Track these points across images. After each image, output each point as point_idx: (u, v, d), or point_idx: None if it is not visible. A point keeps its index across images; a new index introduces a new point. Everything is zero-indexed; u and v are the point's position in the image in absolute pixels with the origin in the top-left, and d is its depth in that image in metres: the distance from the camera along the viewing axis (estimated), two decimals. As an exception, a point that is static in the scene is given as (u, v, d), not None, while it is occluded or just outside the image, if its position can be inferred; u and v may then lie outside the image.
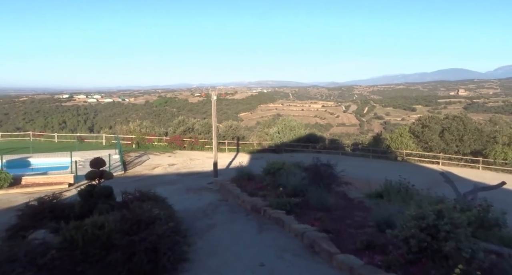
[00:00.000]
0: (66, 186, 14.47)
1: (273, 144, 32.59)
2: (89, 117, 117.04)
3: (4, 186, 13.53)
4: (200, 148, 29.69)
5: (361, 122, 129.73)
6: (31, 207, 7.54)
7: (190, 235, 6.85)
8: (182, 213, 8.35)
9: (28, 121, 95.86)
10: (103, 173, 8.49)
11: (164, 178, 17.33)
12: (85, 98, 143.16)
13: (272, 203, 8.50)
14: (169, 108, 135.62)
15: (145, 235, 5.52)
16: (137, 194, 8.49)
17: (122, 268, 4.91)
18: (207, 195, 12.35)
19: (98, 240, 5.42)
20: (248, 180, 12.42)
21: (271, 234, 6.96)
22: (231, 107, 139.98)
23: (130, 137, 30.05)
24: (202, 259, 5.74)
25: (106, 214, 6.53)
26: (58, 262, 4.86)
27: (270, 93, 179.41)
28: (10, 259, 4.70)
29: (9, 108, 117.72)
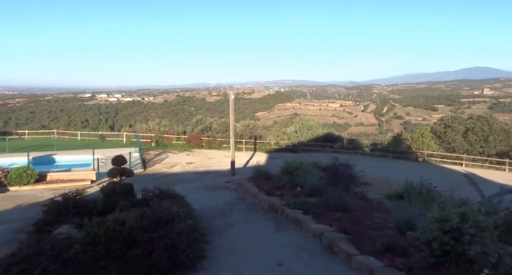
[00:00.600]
0: (89, 183, 14.85)
1: (291, 143, 32.45)
2: (110, 116, 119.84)
3: (30, 182, 14.04)
4: (218, 146, 29.90)
5: (380, 122, 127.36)
6: (56, 202, 7.80)
7: (208, 233, 6.92)
8: (200, 211, 8.44)
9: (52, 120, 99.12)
10: (124, 171, 8.68)
11: (183, 176, 17.53)
12: (106, 97, 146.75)
13: (289, 202, 8.47)
14: (187, 107, 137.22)
15: (164, 232, 5.62)
16: (156, 192, 8.65)
17: (142, 264, 5.01)
18: (225, 194, 12.43)
19: (120, 236, 5.55)
20: (265, 179, 12.42)
21: (288, 234, 6.94)
22: (248, 107, 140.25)
23: (149, 135, 30.58)
24: (220, 257, 5.78)
25: (127, 211, 6.68)
26: (82, 256, 5.01)
27: (287, 93, 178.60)
28: (37, 253, 4.88)
29: (35, 107, 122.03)
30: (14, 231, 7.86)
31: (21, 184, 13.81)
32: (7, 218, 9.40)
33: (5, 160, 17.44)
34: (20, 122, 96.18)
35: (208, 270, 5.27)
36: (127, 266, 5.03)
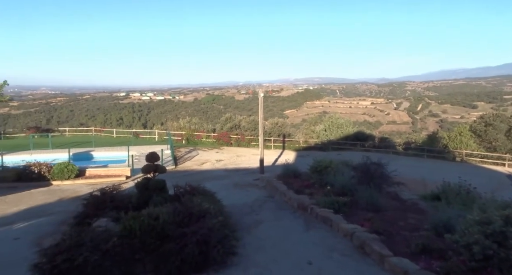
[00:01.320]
0: (124, 178, 15.46)
1: (320, 141, 32.03)
2: (143, 114, 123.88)
3: (71, 177, 14.84)
4: (246, 144, 30.08)
5: (414, 120, 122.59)
6: (94, 197, 8.17)
7: (238, 230, 6.99)
8: (230, 208, 8.55)
9: (90, 118, 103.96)
10: (157, 167, 8.95)
11: (212, 173, 17.81)
12: (139, 96, 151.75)
13: (319, 201, 8.38)
14: (216, 106, 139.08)
15: (196, 227, 5.73)
16: (188, 188, 8.84)
17: (175, 258, 5.14)
18: (254, 191, 12.50)
19: (154, 230, 5.73)
20: (294, 177, 12.35)
21: (318, 233, 6.87)
22: (276, 105, 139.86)
23: (180, 133, 31.32)
24: (250, 253, 5.83)
25: (160, 206, 6.89)
26: (119, 248, 5.22)
27: (316, 90, 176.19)
28: (78, 244, 5.14)
29: (74, 106, 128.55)
30: (57, 223, 8.36)
31: (63, 179, 14.62)
32: (51, 210, 10.01)
33: (48, 156, 18.49)
34: (61, 120, 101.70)
35: (238, 267, 5.33)
36: (161, 260, 5.19)
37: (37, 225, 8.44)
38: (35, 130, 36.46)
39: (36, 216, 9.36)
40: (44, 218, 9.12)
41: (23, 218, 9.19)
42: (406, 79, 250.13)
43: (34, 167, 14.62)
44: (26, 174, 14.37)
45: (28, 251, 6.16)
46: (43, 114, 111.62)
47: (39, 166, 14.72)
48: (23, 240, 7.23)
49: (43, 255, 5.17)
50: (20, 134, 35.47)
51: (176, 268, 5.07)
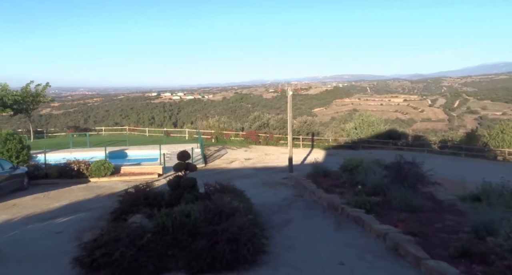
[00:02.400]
0: (156, 176, 15.93)
1: (350, 140, 31.40)
2: (173, 113, 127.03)
3: (107, 174, 15.51)
4: (275, 143, 30.05)
5: (450, 118, 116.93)
6: (129, 193, 8.45)
7: (268, 228, 6.99)
8: (259, 207, 8.56)
9: (124, 117, 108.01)
10: (188, 165, 9.12)
11: (241, 171, 17.95)
12: (170, 96, 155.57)
13: (350, 201, 8.21)
14: (244, 104, 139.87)
15: (226, 225, 5.79)
16: (217, 186, 8.95)
17: (207, 255, 5.22)
18: (282, 190, 12.47)
19: (185, 227, 5.86)
20: (324, 177, 12.18)
21: (350, 233, 6.74)
22: (305, 103, 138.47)
23: (209, 132, 31.83)
24: (280, 252, 5.81)
25: (191, 204, 7.03)
26: (153, 244, 5.39)
27: (346, 88, 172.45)
28: (115, 239, 5.36)
29: (109, 106, 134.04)
30: (95, 218, 8.75)
31: (100, 176, 15.31)
32: (89, 206, 10.51)
33: (86, 154, 19.44)
34: (97, 119, 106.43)
35: (268, 265, 5.34)
36: (193, 256, 5.29)
37: (77, 220, 8.89)
38: (74, 129, 38.48)
39: (76, 211, 9.86)
40: (83, 213, 9.58)
41: (64, 213, 9.72)
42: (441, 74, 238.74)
43: (74, 165, 15.41)
44: (66, 171, 15.18)
45: (69, 244, 6.50)
46: (81, 114, 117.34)
47: (78, 164, 15.50)
48: (64, 234, 7.64)
49: (83, 249, 5.44)
50: (61, 134, 37.56)
51: (207, 265, 5.16)
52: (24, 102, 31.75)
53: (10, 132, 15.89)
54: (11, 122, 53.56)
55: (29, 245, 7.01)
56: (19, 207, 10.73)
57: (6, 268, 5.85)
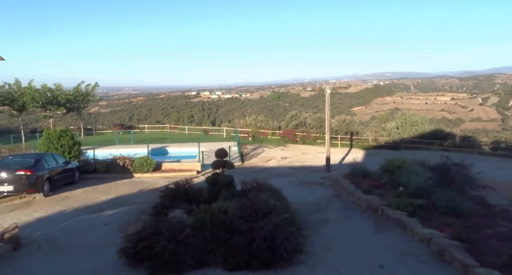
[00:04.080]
0: (195, 173, 16.39)
1: (391, 140, 30.22)
2: (211, 112, 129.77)
3: (149, 170, 16.22)
4: (312, 142, 29.69)
5: (504, 117, 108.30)
6: (170, 189, 8.77)
7: (305, 228, 6.94)
8: (296, 206, 8.53)
9: (165, 116, 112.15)
10: (226, 163, 9.28)
11: (278, 170, 17.94)
12: (209, 95, 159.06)
13: (391, 202, 7.92)
14: (281, 103, 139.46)
15: (263, 223, 5.82)
16: (254, 184, 9.01)
17: (244, 252, 5.30)
18: (320, 190, 12.30)
19: (223, 224, 5.98)
20: (363, 177, 11.86)
21: (390, 236, 6.50)
22: (343, 101, 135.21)
23: (246, 130, 32.14)
24: (318, 252, 5.75)
25: (228, 201, 7.16)
26: (192, 239, 5.55)
27: (388, 86, 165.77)
28: (157, 232, 5.59)
29: (152, 104, 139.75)
30: (138, 212, 9.21)
31: (143, 172, 16.04)
32: (133, 200, 11.06)
33: (130, 150, 20.44)
34: (140, 117, 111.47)
35: (305, 265, 5.30)
36: (230, 252, 5.39)
37: (122, 213, 9.40)
38: (120, 127, 40.62)
39: (121, 205, 10.43)
40: (128, 207, 10.11)
41: (110, 206, 10.32)
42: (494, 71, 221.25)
43: (119, 160, 16.29)
44: (113, 167, 16.09)
45: (115, 235, 6.91)
46: (126, 112, 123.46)
47: (123, 160, 16.36)
48: (111, 226, 8.12)
49: (128, 240, 5.73)
50: (108, 131, 39.84)
51: (244, 261, 5.23)
52: (76, 101, 34.11)
53: (64, 129, 17.13)
54: (64, 120, 57.60)
55: (81, 235, 7.53)
56: (71, 199, 11.55)
57: (61, 255, 6.35)
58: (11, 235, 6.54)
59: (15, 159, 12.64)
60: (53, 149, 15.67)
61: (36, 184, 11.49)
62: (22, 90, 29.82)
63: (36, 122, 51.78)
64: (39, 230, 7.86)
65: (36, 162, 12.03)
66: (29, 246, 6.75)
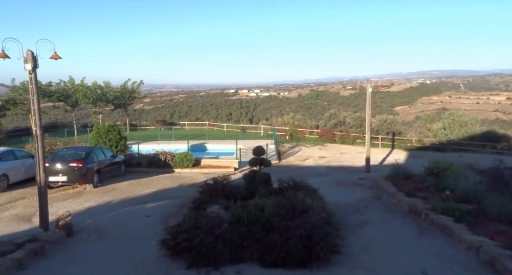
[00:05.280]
0: (232, 170, 16.65)
1: (437, 141, 28.63)
2: (249, 110, 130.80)
3: (189, 165, 16.75)
4: (351, 141, 28.94)
5: None
6: (208, 185, 8.98)
7: (342, 228, 6.81)
8: (333, 206, 8.37)
9: (204, 113, 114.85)
10: (263, 161, 9.35)
11: (315, 169, 17.72)
12: (247, 93, 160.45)
13: (435, 207, 7.54)
14: (320, 102, 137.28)
15: (299, 222, 5.79)
16: (291, 183, 8.99)
17: (280, 250, 5.31)
18: (358, 191, 11.99)
19: (259, 221, 6.03)
20: (405, 179, 11.41)
21: (434, 241, 6.18)
22: (385, 101, 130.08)
23: (284, 129, 32.04)
24: (356, 254, 5.62)
25: (265, 198, 7.20)
26: (229, 234, 5.66)
27: (434, 85, 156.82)
28: (196, 226, 5.77)
29: (192, 102, 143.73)
30: (179, 205, 9.55)
31: (182, 167, 16.60)
32: (173, 194, 11.50)
33: (171, 146, 21.21)
34: (181, 114, 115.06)
35: (343, 266, 5.21)
36: (267, 249, 5.42)
37: (163, 206, 9.81)
38: (162, 123, 42.30)
39: (162, 198, 10.88)
40: (169, 200, 10.53)
41: (153, 199, 10.81)
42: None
43: (161, 156, 16.98)
44: (155, 161, 16.81)
45: (157, 227, 7.23)
46: (168, 109, 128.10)
47: (165, 155, 17.03)
48: (153, 218, 8.51)
49: (168, 232, 5.97)
50: (151, 127, 41.63)
51: (280, 259, 5.24)
52: (123, 98, 36.01)
53: (111, 125, 18.18)
54: (111, 116, 61.09)
55: (126, 225, 7.97)
56: (117, 191, 12.25)
57: (108, 243, 6.77)
58: (65, 222, 7.09)
59: (68, 151, 13.62)
60: (101, 143, 16.70)
61: (86, 175, 12.32)
62: (75, 87, 32.03)
63: (87, 117, 55.40)
64: (89, 219, 8.43)
65: (87, 154, 12.90)
66: (81, 233, 7.28)
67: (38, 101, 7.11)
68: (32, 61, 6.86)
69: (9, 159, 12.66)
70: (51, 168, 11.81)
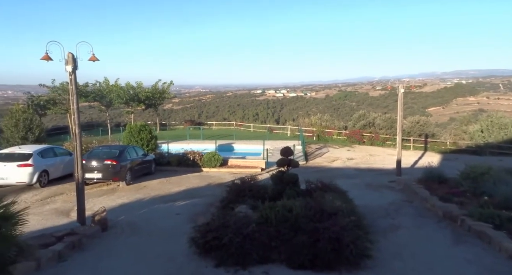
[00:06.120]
0: (259, 170, 16.68)
1: (473, 144, 27.28)
2: (276, 110, 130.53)
3: (216, 165, 16.96)
4: (381, 143, 28.17)
5: None
6: (236, 185, 9.04)
7: (372, 232, 6.65)
8: (362, 209, 8.19)
9: (231, 113, 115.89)
10: (290, 161, 9.30)
11: (343, 171, 17.42)
12: (273, 93, 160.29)
13: (473, 212, 7.20)
14: (348, 102, 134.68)
15: (328, 224, 5.72)
16: (319, 184, 8.89)
17: (308, 251, 5.28)
18: (389, 194, 11.66)
19: (287, 222, 6.01)
20: (439, 183, 10.98)
21: (471, 249, 5.91)
22: (417, 101, 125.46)
23: (311, 129, 31.72)
24: (386, 259, 5.48)
25: (293, 199, 7.17)
26: (257, 234, 5.69)
27: (471, 85, 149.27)
28: (224, 225, 5.84)
29: (219, 102, 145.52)
30: (207, 204, 9.71)
31: (210, 166, 16.84)
32: (202, 193, 11.69)
33: (199, 146, 21.58)
34: (209, 114, 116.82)
35: (373, 271, 5.10)
36: (295, 250, 5.40)
37: (192, 204, 10.01)
38: (190, 123, 43.16)
39: (191, 197, 11.10)
40: (197, 199, 10.72)
41: (182, 197, 11.05)
42: None
43: (190, 155, 17.31)
44: (184, 160, 17.16)
45: (186, 225, 7.39)
46: (196, 109, 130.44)
47: (193, 154, 17.34)
48: (182, 216, 8.71)
49: (197, 231, 6.08)
50: (180, 126, 42.55)
51: (309, 261, 5.21)
52: (153, 98, 37.06)
53: (143, 124, 18.75)
54: (142, 115, 63.02)
55: (156, 222, 8.22)
56: (148, 188, 12.64)
57: (140, 239, 7.02)
58: (100, 217, 7.42)
59: (103, 149, 14.19)
60: (134, 141, 17.27)
61: (120, 173, 12.79)
62: (110, 87, 33.36)
63: (119, 117, 57.47)
64: (122, 215, 8.76)
65: (120, 153, 13.39)
66: (115, 228, 7.58)
67: (77, 101, 7.48)
68: (72, 63, 7.23)
69: (49, 156, 13.37)
70: (87, 165, 12.34)
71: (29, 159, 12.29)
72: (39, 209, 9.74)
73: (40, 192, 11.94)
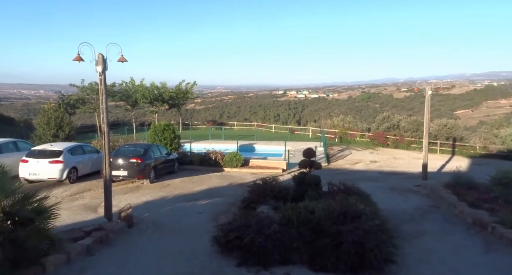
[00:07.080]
0: (280, 171, 16.64)
1: (505, 148, 26.09)
2: (297, 111, 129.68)
3: (238, 165, 17.06)
4: (405, 146, 27.44)
5: None
6: (257, 185, 9.09)
7: (397, 237, 6.49)
8: (387, 212, 8.02)
9: (252, 114, 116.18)
10: (313, 163, 9.23)
11: (366, 174, 17.10)
12: (295, 94, 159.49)
13: (504, 220, 6.91)
14: (371, 104, 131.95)
15: (351, 227, 5.64)
16: (341, 187, 8.79)
17: (330, 254, 5.22)
18: (414, 198, 11.35)
19: (310, 223, 5.97)
20: (467, 188, 10.57)
21: (504, 258, 5.67)
22: (445, 104, 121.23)
23: (333, 131, 31.31)
24: (412, 265, 5.34)
25: (315, 201, 7.12)
26: (279, 235, 5.68)
27: (503, 87, 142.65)
28: (246, 225, 5.87)
29: (241, 102, 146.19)
30: (228, 204, 9.79)
31: (232, 166, 16.96)
32: (223, 193, 11.80)
33: (221, 146, 21.75)
34: (230, 115, 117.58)
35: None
36: (317, 253, 5.36)
37: (214, 204, 10.12)
38: (212, 123, 43.66)
39: (212, 196, 11.22)
40: (219, 198, 10.83)
41: (204, 196, 11.19)
42: None
43: (212, 154, 17.50)
44: (206, 160, 17.36)
45: (209, 224, 7.48)
46: (217, 109, 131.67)
47: (215, 154, 17.52)
48: (205, 215, 8.82)
49: (220, 230, 6.14)
50: (202, 126, 43.11)
51: (331, 264, 5.16)
52: (177, 98, 37.74)
53: (167, 124, 19.12)
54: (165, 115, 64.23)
55: (179, 220, 8.36)
56: (171, 187, 12.88)
57: (163, 235, 7.18)
58: (126, 214, 7.63)
59: (129, 148, 14.59)
60: (157, 140, 17.65)
61: (144, 171, 13.10)
62: (135, 87, 34.26)
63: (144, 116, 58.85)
64: (147, 212, 8.98)
65: (145, 151, 13.72)
66: (140, 225, 7.78)
67: (106, 101, 7.74)
68: (102, 64, 7.49)
69: (78, 153, 13.89)
70: (114, 163, 12.68)
71: (60, 156, 12.80)
72: (68, 204, 10.13)
73: (69, 187, 12.41)
